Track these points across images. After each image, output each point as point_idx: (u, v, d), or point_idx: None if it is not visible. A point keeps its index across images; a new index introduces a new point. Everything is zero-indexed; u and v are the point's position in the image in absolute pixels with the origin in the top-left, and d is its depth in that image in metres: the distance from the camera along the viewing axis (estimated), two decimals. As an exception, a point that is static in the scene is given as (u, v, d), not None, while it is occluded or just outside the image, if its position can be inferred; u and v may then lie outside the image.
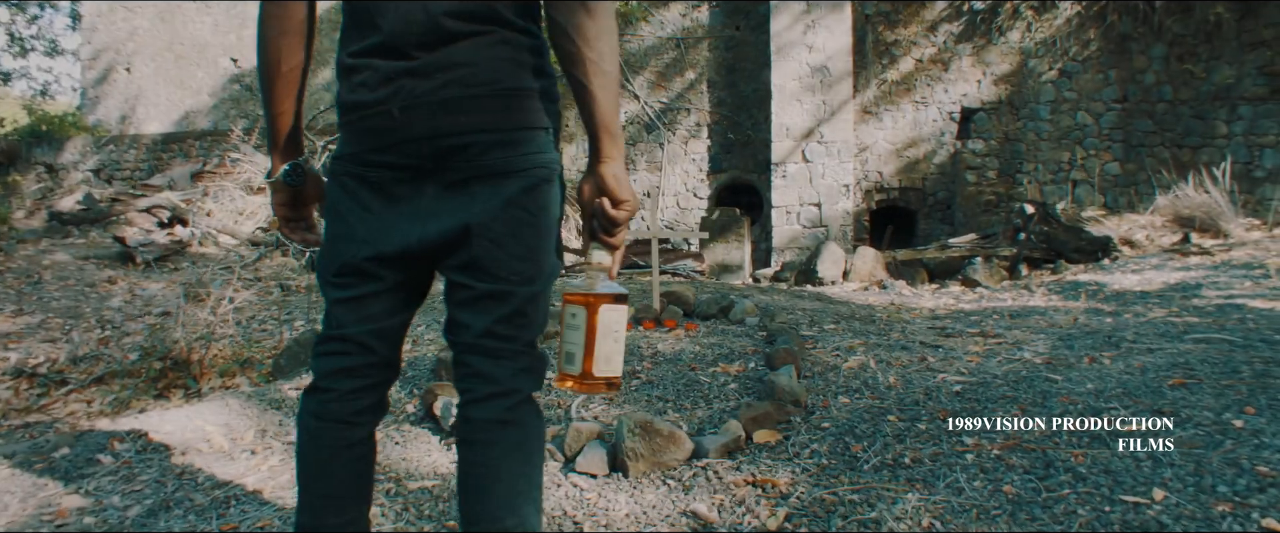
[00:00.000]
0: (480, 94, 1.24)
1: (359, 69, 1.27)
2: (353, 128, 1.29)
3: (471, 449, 1.28)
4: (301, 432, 1.38)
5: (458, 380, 1.34)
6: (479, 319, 1.30)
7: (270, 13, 1.31)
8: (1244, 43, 10.11)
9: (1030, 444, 2.45)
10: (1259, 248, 7.16)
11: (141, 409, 3.27)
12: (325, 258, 1.36)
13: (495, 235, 1.27)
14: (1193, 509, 2.02)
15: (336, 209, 1.33)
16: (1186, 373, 3.11)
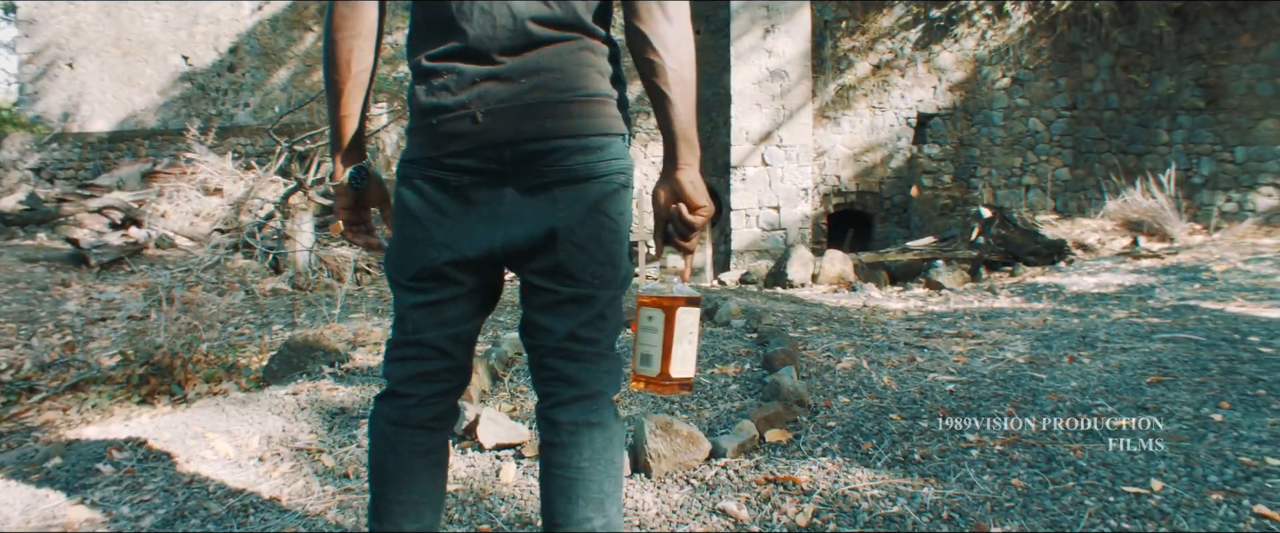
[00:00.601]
0: (564, 100, 1.27)
1: (439, 72, 1.28)
2: (431, 131, 1.29)
3: (558, 452, 1.30)
4: (378, 437, 1.38)
5: (540, 384, 1.35)
6: (562, 323, 1.32)
7: (342, 14, 1.30)
8: (1182, 55, 10.58)
9: (1029, 440, 2.56)
10: (1202, 251, 7.51)
11: (127, 417, 3.20)
12: (399, 261, 1.36)
13: (579, 240, 1.29)
14: (1189, 498, 2.14)
15: (411, 213, 1.33)
16: (1161, 371, 3.28)
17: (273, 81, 10.23)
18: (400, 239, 1.36)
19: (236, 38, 10.43)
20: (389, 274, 1.40)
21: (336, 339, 3.56)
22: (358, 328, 4.04)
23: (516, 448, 2.47)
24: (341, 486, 2.31)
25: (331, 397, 3.00)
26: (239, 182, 8.28)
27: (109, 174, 9.39)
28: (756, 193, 11.00)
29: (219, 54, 10.45)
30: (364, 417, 2.82)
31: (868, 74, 11.43)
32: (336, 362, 3.35)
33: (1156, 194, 8.69)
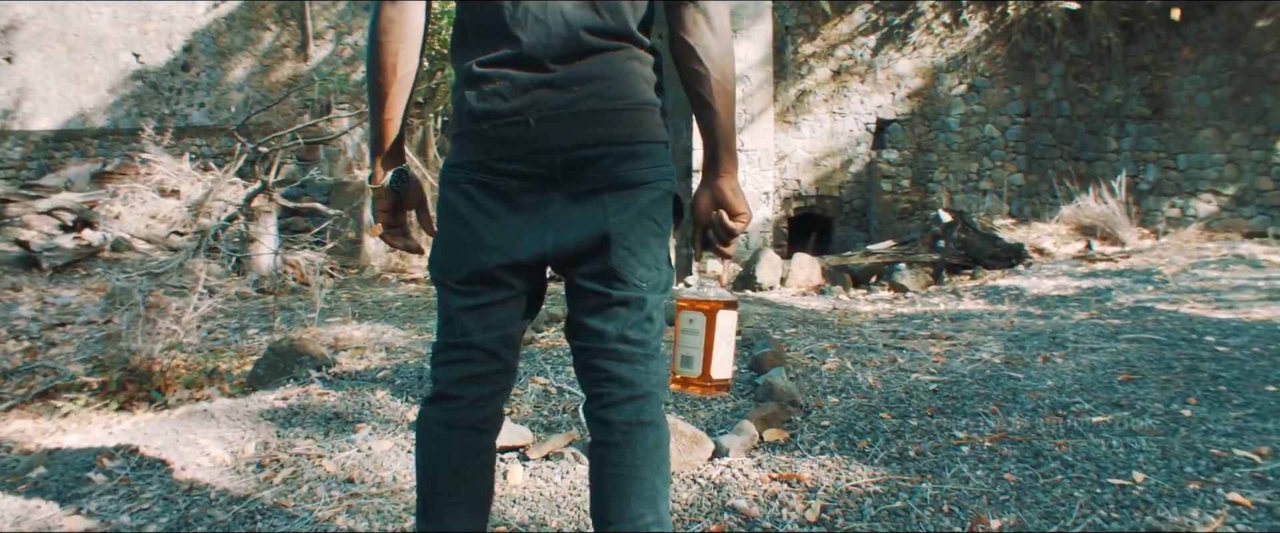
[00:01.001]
0: (616, 108, 1.32)
1: (491, 78, 1.31)
2: (482, 136, 1.32)
3: (612, 451, 1.34)
4: (428, 440, 1.39)
5: (591, 385, 1.39)
6: (613, 325, 1.36)
7: (389, 16, 1.32)
8: (1129, 66, 11.00)
9: (1016, 437, 2.68)
10: (1153, 256, 7.83)
11: (107, 425, 3.14)
12: (447, 265, 1.39)
13: (630, 245, 1.34)
14: (1170, 488, 2.27)
15: (460, 216, 1.36)
16: (1130, 370, 3.44)
17: (229, 81, 10.03)
18: (448, 242, 1.38)
19: (191, 36, 10.21)
20: (435, 277, 1.42)
21: (319, 344, 3.54)
22: (338, 333, 4.02)
23: (520, 450, 2.50)
24: (347, 491, 2.32)
25: (323, 402, 2.99)
26: (197, 183, 8.13)
27: (56, 174, 9.12)
28: (719, 197, 11.10)
29: (173, 52, 10.22)
30: (359, 421, 2.82)
31: (827, 80, 11.64)
32: (324, 366, 3.34)
33: (1108, 200, 9.02)
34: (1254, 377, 3.28)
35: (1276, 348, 3.76)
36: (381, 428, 2.74)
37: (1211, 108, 10.95)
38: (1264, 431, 2.67)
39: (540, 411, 2.92)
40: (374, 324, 4.46)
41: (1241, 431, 2.67)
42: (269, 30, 10.28)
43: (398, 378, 3.24)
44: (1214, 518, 2.12)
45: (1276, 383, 3.19)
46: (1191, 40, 10.90)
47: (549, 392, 3.12)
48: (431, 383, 1.42)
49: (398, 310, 5.09)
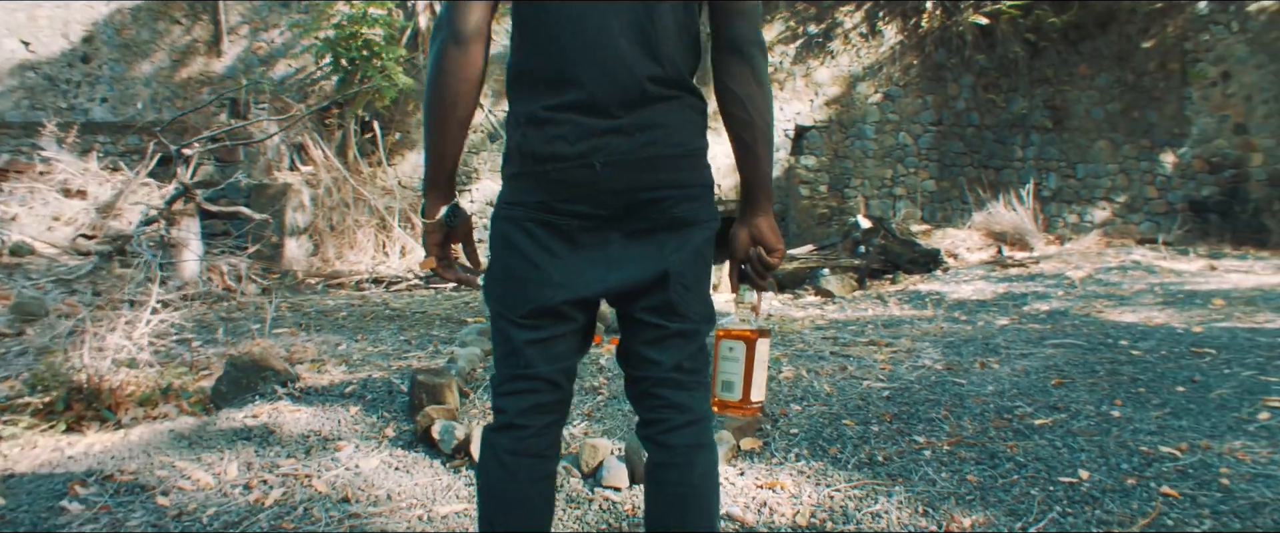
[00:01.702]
0: (675, 154, 1.43)
1: (556, 122, 1.39)
2: (546, 177, 1.40)
3: (671, 471, 1.46)
4: (497, 467, 1.47)
5: (649, 411, 1.50)
6: (669, 356, 1.48)
7: (453, 58, 1.38)
8: (1034, 79, 11.72)
9: (971, 440, 2.92)
10: (1060, 261, 8.41)
11: (58, 448, 3.05)
12: (511, 299, 1.46)
13: (687, 281, 1.46)
14: (1111, 483, 2.53)
15: (523, 253, 1.43)
16: (1060, 374, 3.76)
17: (134, 75, 9.57)
18: (512, 278, 1.46)
19: (91, 26, 9.72)
20: (496, 310, 1.49)
21: (277, 357, 3.52)
22: (291, 344, 3.99)
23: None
24: (345, 510, 2.36)
25: (296, 419, 3.00)
26: (105, 184, 7.78)
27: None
28: (644, 201, 11.28)
29: (70, 42, 9.71)
30: (339, 439, 2.85)
31: (751, 86, 11.95)
32: (288, 382, 3.32)
33: (1017, 208, 9.61)
34: (1165, 378, 3.63)
35: (1180, 351, 4.15)
36: (364, 445, 2.78)
37: (1105, 121, 11.78)
38: (1180, 428, 2.99)
39: (520, 424, 3.01)
40: (325, 335, 4.42)
41: (1163, 429, 2.98)
42: (179, 24, 9.89)
43: (367, 393, 3.26)
44: (1151, 510, 2.38)
45: (1185, 383, 3.55)
46: (1088, 57, 11.71)
47: (524, 405, 3.21)
48: (497, 413, 1.49)
49: (345, 321, 5.05)
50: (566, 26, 1.39)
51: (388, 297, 6.53)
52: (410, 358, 3.94)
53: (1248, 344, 4.22)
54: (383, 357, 3.98)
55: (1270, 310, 5.37)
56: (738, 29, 1.46)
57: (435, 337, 4.50)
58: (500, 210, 1.49)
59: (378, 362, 3.86)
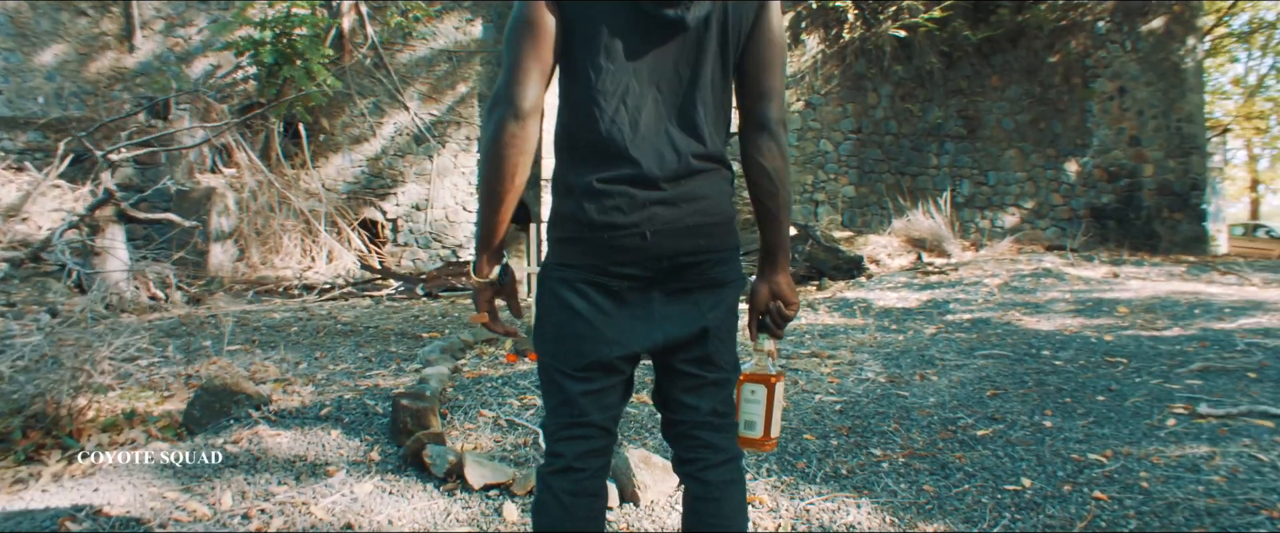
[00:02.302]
0: (713, 222, 1.62)
1: (612, 195, 1.55)
2: (601, 243, 1.56)
3: (708, 504, 1.65)
4: (557, 506, 1.61)
5: (687, 450, 1.68)
6: (706, 402, 1.67)
7: (512, 132, 1.50)
8: (948, 90, 12.38)
9: (922, 452, 3.21)
10: (976, 268, 8.95)
11: (19, 480, 3.02)
12: (565, 354, 1.61)
13: (722, 336, 1.65)
14: (1051, 490, 2.85)
15: (577, 312, 1.59)
16: (993, 385, 4.11)
17: (33, 66, 9.14)
18: (566, 335, 1.61)
19: (-17, 14, 9.27)
20: (550, 364, 1.64)
21: (247, 380, 3.56)
22: (250, 363, 4.02)
23: (504, 487, 2.73)
24: (349, 536, 2.47)
25: (278, 444, 3.06)
26: (8, 184, 7.46)
27: None
28: (572, 205, 11.43)
29: (-44, 29, 9.23)
30: (327, 464, 2.93)
31: (678, 92, 12.26)
32: (261, 405, 3.37)
33: (934, 215, 10.16)
34: (1086, 388, 4.03)
35: (1096, 360, 4.58)
36: (354, 470, 2.88)
37: (1015, 131, 12.54)
38: (1104, 436, 3.35)
39: (501, 445, 3.15)
40: (282, 353, 4.43)
41: (1089, 437, 3.34)
42: (85, 15, 9.51)
43: (344, 415, 3.34)
44: (1086, 513, 2.70)
45: (1104, 392, 3.95)
46: (999, 70, 12.43)
47: (500, 424, 3.35)
48: (553, 457, 1.64)
49: (298, 337, 5.04)
50: (620, 107, 1.56)
51: (334, 309, 6.51)
52: (374, 376, 4.02)
53: (1152, 353, 4.68)
54: (347, 375, 4.05)
55: (1166, 318, 5.92)
56: (767, 111, 1.65)
57: (395, 353, 4.58)
58: (552, 271, 1.64)
59: (344, 381, 3.92)
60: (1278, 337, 4.99)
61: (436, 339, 4.85)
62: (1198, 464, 3.00)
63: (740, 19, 1.61)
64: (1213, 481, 2.85)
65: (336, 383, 3.89)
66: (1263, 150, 25.91)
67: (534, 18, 1.53)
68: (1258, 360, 4.40)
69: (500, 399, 3.60)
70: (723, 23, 1.58)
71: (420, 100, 11.20)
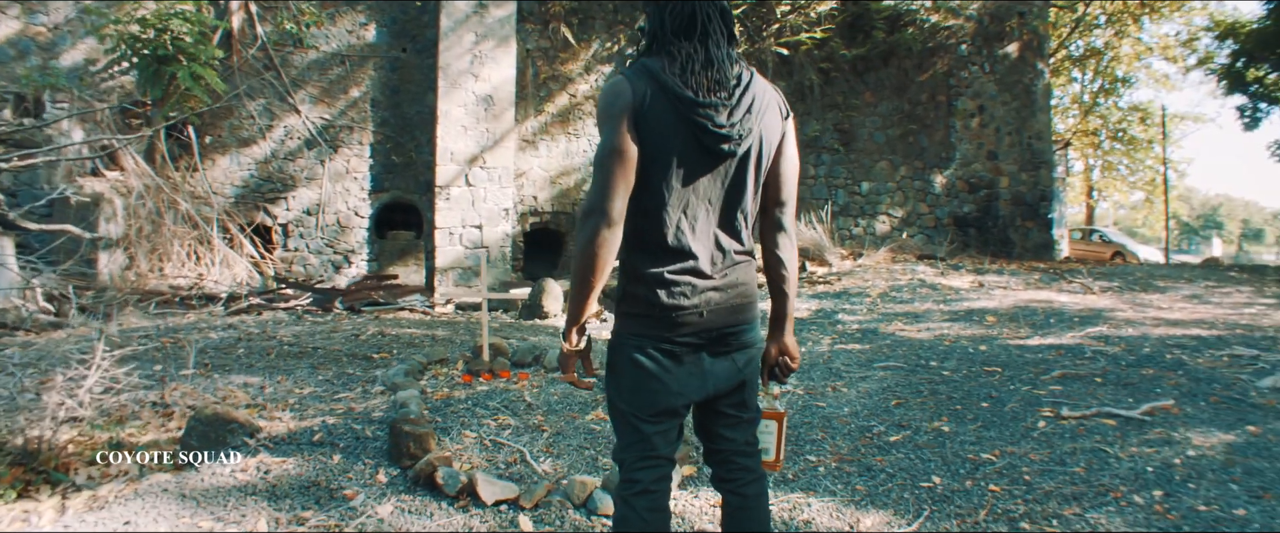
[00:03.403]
0: (748, 301, 2.22)
1: (679, 283, 2.11)
2: (669, 320, 2.11)
3: (745, 513, 2.25)
4: (638, 520, 2.14)
5: (727, 471, 2.27)
6: (741, 435, 2.27)
7: (605, 238, 2.04)
8: (825, 104, 13.50)
9: (849, 457, 3.95)
10: (857, 277, 9.98)
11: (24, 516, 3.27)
12: (641, 404, 2.15)
13: (751, 384, 2.26)
14: (956, 485, 3.62)
15: (650, 372, 2.13)
16: (896, 395, 4.93)
17: None
18: (640, 389, 2.15)
19: None
20: (626, 411, 2.18)
21: (232, 407, 3.88)
22: (214, 388, 4.31)
23: (512, 502, 3.25)
24: (388, 549, 2.93)
25: (285, 471, 3.45)
26: None
27: None
28: (460, 212, 11.78)
29: None
30: (341, 487, 3.35)
31: (567, 103, 12.81)
32: (253, 433, 3.72)
33: (816, 226, 11.16)
34: (972, 396, 4.90)
35: (976, 370, 5.49)
36: (369, 492, 3.31)
37: (886, 144, 13.79)
38: (991, 438, 4.19)
39: (493, 463, 3.65)
40: (241, 376, 4.68)
41: (980, 440, 4.17)
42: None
43: (338, 440, 3.74)
44: (986, 503, 3.48)
45: (986, 399, 4.82)
46: (872, 86, 13.65)
47: (485, 444, 3.84)
48: (631, 482, 2.17)
49: (248, 358, 5.28)
50: (682, 217, 2.13)
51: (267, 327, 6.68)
52: (344, 399, 4.40)
53: (1020, 361, 5.65)
54: (317, 399, 4.40)
55: (1028, 327, 7.00)
56: (784, 216, 2.28)
57: (353, 376, 4.93)
58: (627, 340, 2.18)
59: (317, 405, 4.28)
60: (1115, 344, 6.08)
61: (386, 360, 5.24)
62: (1064, 459, 3.86)
63: (769, 145, 2.22)
64: (1075, 471, 3.71)
65: (312, 407, 4.25)
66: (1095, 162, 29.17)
67: (624, 148, 2.07)
68: (1102, 367, 5.42)
69: (477, 420, 4.09)
70: (759, 150, 2.18)
71: (312, 103, 11.25)
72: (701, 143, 2.09)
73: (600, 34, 12.83)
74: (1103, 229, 27.37)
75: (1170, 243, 25.84)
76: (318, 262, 11.09)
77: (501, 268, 11.79)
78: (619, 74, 2.14)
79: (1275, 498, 3.35)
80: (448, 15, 11.46)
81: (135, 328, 6.29)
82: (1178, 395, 4.72)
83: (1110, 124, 26.87)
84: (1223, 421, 4.31)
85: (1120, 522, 3.23)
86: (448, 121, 11.57)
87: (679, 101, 2.05)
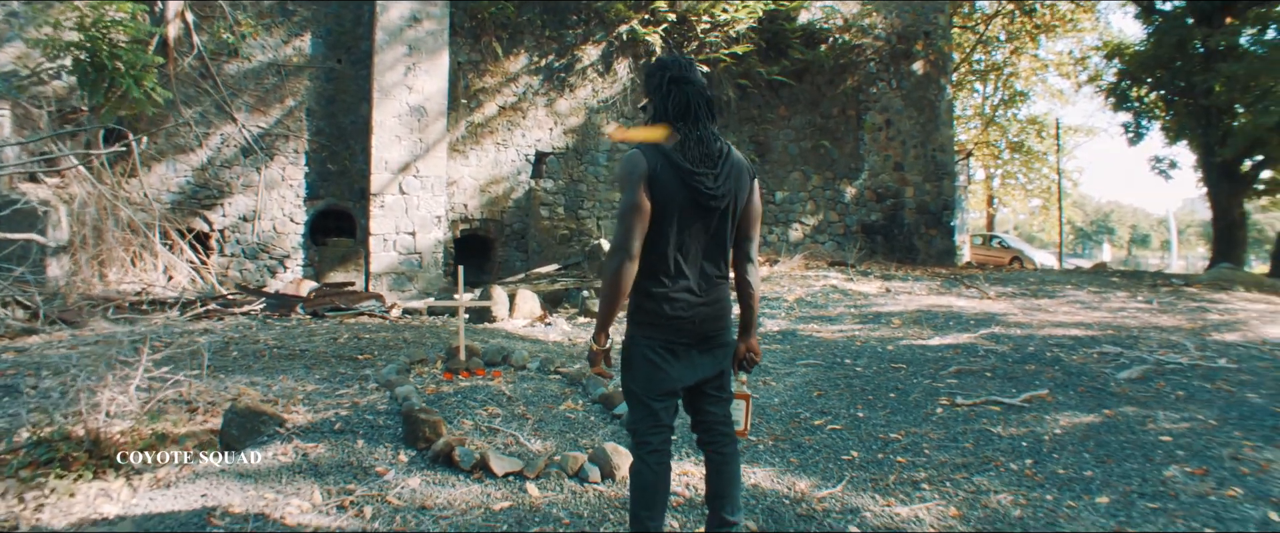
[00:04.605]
0: (725, 312, 3.17)
1: (678, 300, 3.03)
2: (670, 325, 3.03)
3: (724, 467, 3.19)
4: (649, 472, 3.05)
5: (709, 438, 3.18)
6: (720, 410, 3.21)
7: (628, 269, 2.94)
8: (742, 118, 14.65)
9: (783, 437, 4.95)
10: (775, 283, 11.10)
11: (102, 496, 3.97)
12: (650, 387, 3.03)
13: (727, 373, 3.21)
14: (870, 457, 4.67)
15: (656, 364, 3.03)
16: (817, 388, 5.97)
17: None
18: (650, 377, 3.06)
19: None
20: (640, 393, 3.08)
21: (262, 401, 4.63)
22: (225, 387, 5.03)
23: (518, 474, 4.12)
24: (429, 514, 3.76)
25: (319, 454, 4.23)
26: None
27: None
28: (394, 219, 12.47)
29: None
30: (372, 465, 4.16)
31: (495, 114, 13.61)
32: (281, 424, 4.48)
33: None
34: (881, 388, 5.98)
35: (884, 367, 6.60)
36: (397, 469, 4.14)
37: (799, 156, 15.03)
38: (898, 421, 5.26)
39: (493, 445, 4.51)
40: (246, 376, 5.37)
41: (889, 422, 5.24)
42: None
43: (357, 429, 4.53)
44: (895, 469, 4.53)
45: (894, 390, 5.91)
46: (786, 101, 14.87)
47: (482, 429, 4.70)
48: (644, 444, 3.07)
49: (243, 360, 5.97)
50: (678, 253, 3.07)
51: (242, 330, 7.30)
52: (345, 395, 5.18)
53: (922, 359, 6.79)
54: (322, 395, 5.16)
55: (929, 329, 8.19)
56: (750, 250, 3.25)
57: (345, 374, 5.70)
58: (639, 341, 3.10)
59: (324, 400, 5.05)
60: (1004, 344, 7.30)
61: (370, 361, 6.00)
62: (957, 437, 4.94)
63: (741, 200, 3.18)
64: (965, 446, 4.79)
65: (320, 402, 5.02)
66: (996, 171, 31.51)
67: (641, 204, 2.98)
68: (992, 363, 6.59)
69: (470, 411, 4.94)
70: (735, 204, 3.14)
71: (249, 112, 11.75)
72: (696, 201, 3.03)
73: (529, 48, 13.68)
74: (1002, 235, 29.61)
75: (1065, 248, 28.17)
76: (253, 267, 11.61)
77: (435, 273, 12.52)
78: (635, 149, 3.07)
79: (1115, 462, 4.47)
80: (382, 29, 12.14)
81: (108, 333, 6.87)
82: (1052, 386, 5.88)
83: (1009, 135, 29.17)
84: (1086, 406, 5.47)
85: (998, 482, 4.30)
86: (382, 131, 12.24)
87: (680, 170, 2.98)
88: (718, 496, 3.23)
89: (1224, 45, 15.59)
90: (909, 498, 4.07)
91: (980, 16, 21.79)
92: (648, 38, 13.62)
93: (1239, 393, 5.62)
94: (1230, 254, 17.29)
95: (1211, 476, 4.17)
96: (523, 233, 14.12)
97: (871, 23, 14.86)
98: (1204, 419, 5.03)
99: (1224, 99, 16.29)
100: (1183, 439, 4.70)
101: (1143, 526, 3.69)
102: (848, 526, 3.77)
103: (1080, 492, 4.09)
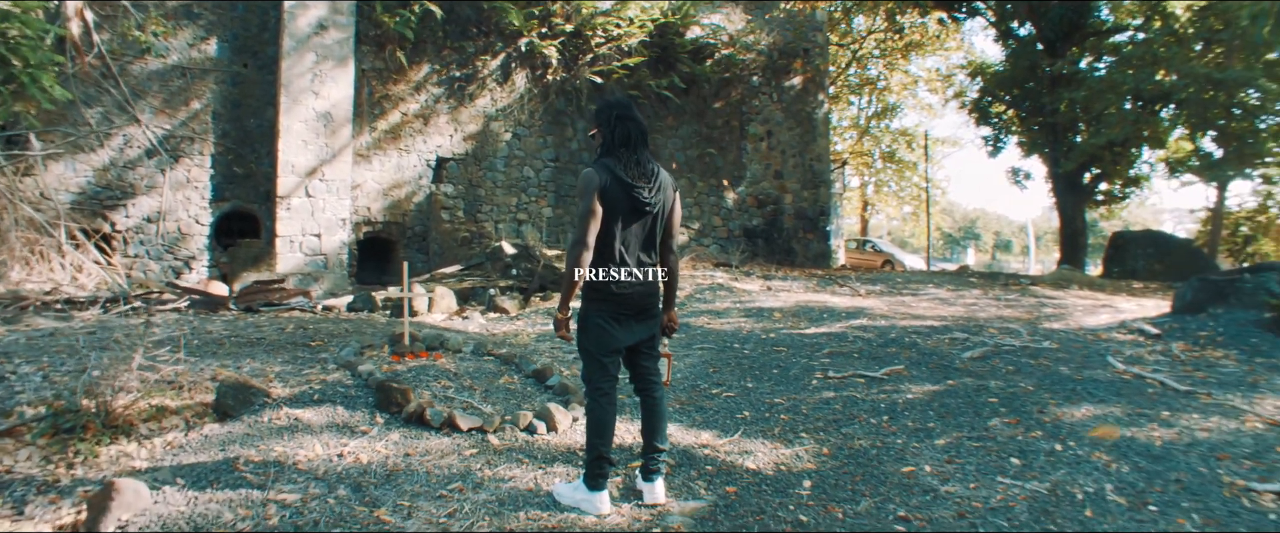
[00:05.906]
0: (656, 291, 4.33)
1: (622, 282, 4.17)
2: (616, 299, 4.18)
3: (656, 407, 4.35)
4: (601, 410, 4.17)
5: (643, 385, 4.35)
6: (652, 364, 4.38)
7: (585, 256, 4.05)
8: (635, 126, 15.91)
9: (688, 401, 6.17)
10: (669, 283, 12.36)
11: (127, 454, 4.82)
12: (600, 347, 4.16)
13: (656, 337, 4.39)
14: (758, 416, 5.95)
15: (605, 329, 4.18)
16: (712, 365, 7.22)
17: None
18: (601, 339, 4.21)
19: None
20: (593, 350, 4.22)
21: (247, 377, 5.52)
22: (200, 368, 5.90)
23: (479, 429, 5.19)
24: (414, 461, 4.79)
25: (309, 419, 5.19)
26: None
27: None
28: (300, 222, 13.16)
29: None
30: (357, 426, 5.15)
31: (399, 121, 14.45)
32: (267, 395, 5.40)
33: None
34: (766, 366, 7.29)
35: (768, 349, 7.92)
36: (376, 428, 5.14)
37: (685, 164, 16.40)
38: (782, 390, 6.56)
39: (452, 407, 5.56)
40: (217, 360, 6.21)
41: (774, 391, 6.53)
42: None
43: (334, 399, 5.49)
44: (778, 425, 5.81)
45: (776, 368, 7.22)
46: (674, 111, 16.22)
47: (439, 398, 5.73)
48: (597, 389, 4.21)
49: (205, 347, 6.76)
50: (622, 245, 4.23)
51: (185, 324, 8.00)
52: (308, 374, 6.10)
53: (800, 344, 8.15)
54: (292, 374, 6.07)
55: (806, 321, 9.60)
56: (673, 243, 4.46)
57: (304, 358, 6.60)
58: (591, 312, 4.25)
59: (294, 378, 5.96)
60: (870, 332, 8.75)
61: (322, 347, 6.91)
62: (829, 402, 6.27)
63: (667, 207, 4.37)
64: (836, 408, 6.12)
65: (291, 379, 5.94)
66: (870, 179, 33.99)
67: (595, 209, 4.14)
68: (859, 347, 8.01)
69: (426, 383, 5.96)
70: (663, 205, 4.33)
71: (153, 114, 12.22)
72: (635, 207, 4.20)
73: (431, 59, 14.58)
74: (875, 240, 31.99)
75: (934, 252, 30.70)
76: (158, 268, 12.10)
77: (340, 275, 13.27)
78: (590, 167, 4.22)
79: (952, 417, 5.85)
80: (290, 35, 12.84)
81: (46, 328, 7.51)
82: (908, 363, 7.30)
83: (882, 146, 31.59)
84: (934, 378, 6.89)
85: (861, 431, 5.61)
86: (289, 136, 12.92)
87: (623, 184, 4.15)
88: (651, 430, 4.41)
89: (1066, 71, 17.83)
90: (791, 443, 5.34)
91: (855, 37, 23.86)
92: (545, 50, 14.72)
93: (1054, 367, 7.15)
94: (1074, 257, 19.65)
95: (1022, 424, 5.58)
96: (424, 235, 14.98)
97: (755, 40, 16.38)
98: (1024, 386, 6.50)
99: (1068, 118, 18.58)
100: (1006, 400, 6.13)
101: (967, 458, 5.04)
102: (745, 461, 4.99)
103: (924, 437, 5.43)
